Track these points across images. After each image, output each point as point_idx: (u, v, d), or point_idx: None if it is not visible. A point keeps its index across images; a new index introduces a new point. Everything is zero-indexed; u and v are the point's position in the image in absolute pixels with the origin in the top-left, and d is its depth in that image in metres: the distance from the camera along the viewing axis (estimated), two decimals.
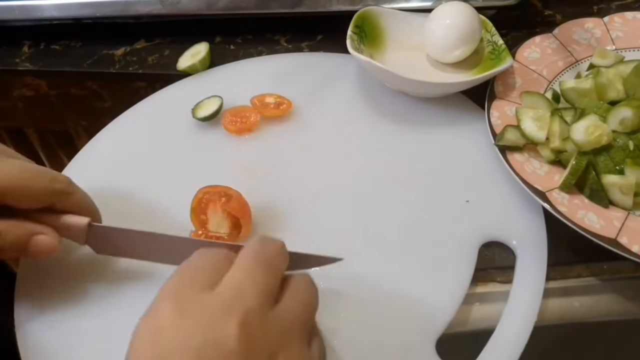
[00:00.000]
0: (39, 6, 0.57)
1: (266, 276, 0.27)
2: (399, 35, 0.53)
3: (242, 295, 0.26)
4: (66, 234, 0.37)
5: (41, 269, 0.41)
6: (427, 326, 0.36)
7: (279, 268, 0.29)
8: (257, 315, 0.25)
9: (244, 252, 0.29)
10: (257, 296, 0.26)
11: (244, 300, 0.26)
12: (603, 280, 0.39)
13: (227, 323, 0.24)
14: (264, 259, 0.28)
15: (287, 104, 0.50)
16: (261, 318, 0.25)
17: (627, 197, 0.39)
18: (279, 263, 0.29)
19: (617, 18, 0.52)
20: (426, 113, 0.49)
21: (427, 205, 0.42)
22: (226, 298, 0.26)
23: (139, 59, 0.58)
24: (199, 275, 0.27)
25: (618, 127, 0.41)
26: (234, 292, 0.26)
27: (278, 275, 0.28)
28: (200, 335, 0.24)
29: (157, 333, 0.25)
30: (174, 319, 0.25)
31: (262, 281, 0.27)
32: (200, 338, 0.24)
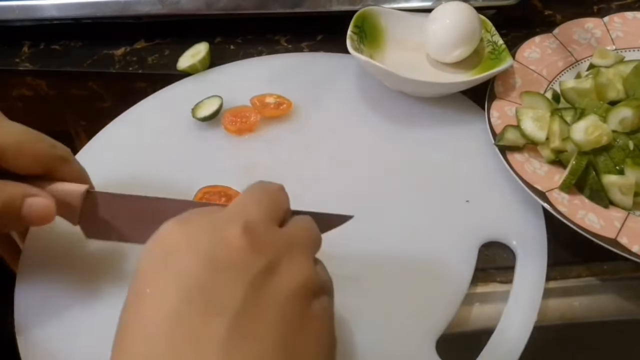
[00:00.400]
0: (39, 6, 0.57)
1: (270, 200, 0.28)
2: (399, 35, 0.53)
3: (246, 209, 0.27)
4: (60, 207, 0.36)
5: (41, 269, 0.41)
6: (427, 326, 0.36)
7: (281, 200, 0.29)
8: (260, 224, 0.26)
9: (248, 187, 0.29)
10: (261, 213, 0.27)
11: (248, 213, 0.26)
12: (603, 280, 0.39)
13: (232, 226, 0.25)
14: (267, 189, 0.29)
15: (287, 104, 0.50)
16: (264, 227, 0.26)
17: (627, 197, 0.39)
18: (281, 197, 0.30)
19: (617, 18, 0.52)
20: (426, 113, 0.49)
21: (427, 205, 0.42)
22: (230, 211, 0.27)
23: (139, 59, 0.58)
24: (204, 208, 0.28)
25: (618, 127, 0.41)
26: (237, 208, 0.27)
27: (280, 205, 0.29)
28: (206, 236, 0.25)
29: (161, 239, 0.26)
30: (181, 227, 0.26)
31: (266, 203, 0.28)
32: (207, 238, 0.25)
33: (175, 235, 0.25)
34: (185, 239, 0.25)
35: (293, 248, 0.26)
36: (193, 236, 0.25)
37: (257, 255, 0.25)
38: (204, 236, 0.25)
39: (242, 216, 0.26)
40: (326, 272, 0.29)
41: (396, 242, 0.40)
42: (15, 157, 0.33)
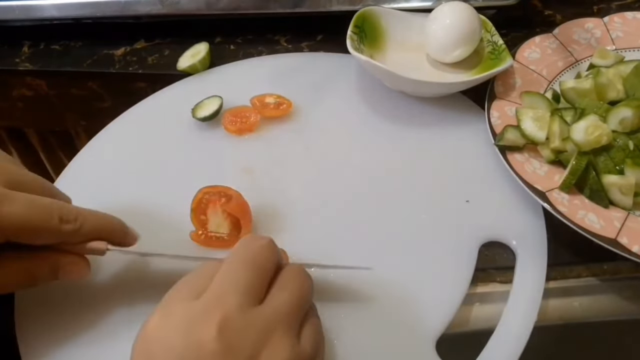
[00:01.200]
0: (39, 6, 0.57)
1: (249, 274, 0.28)
2: (399, 35, 0.53)
3: (223, 298, 0.27)
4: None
5: None
6: (427, 326, 0.36)
7: (265, 264, 0.29)
8: (237, 316, 0.26)
9: (229, 255, 0.29)
10: (238, 296, 0.27)
11: (224, 302, 0.26)
12: (603, 280, 0.39)
13: (207, 326, 0.25)
14: (248, 257, 0.29)
15: (287, 104, 0.50)
16: (241, 318, 0.26)
17: (627, 197, 0.39)
18: (265, 259, 0.29)
19: (617, 18, 0.52)
20: (426, 113, 0.49)
21: (427, 205, 0.42)
22: (207, 302, 0.27)
23: (139, 59, 0.58)
24: (189, 284, 0.28)
25: (618, 127, 0.41)
26: (214, 295, 0.27)
27: (264, 271, 0.29)
28: (181, 338, 0.25)
29: (145, 338, 0.26)
30: (160, 325, 0.26)
31: (244, 281, 0.27)
32: (181, 341, 0.25)
33: (154, 335, 0.26)
34: (162, 341, 0.26)
35: (274, 331, 0.26)
36: (169, 338, 0.26)
37: (232, 353, 0.25)
38: (179, 339, 0.26)
39: (219, 308, 0.26)
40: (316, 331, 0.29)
41: (396, 241, 0.40)
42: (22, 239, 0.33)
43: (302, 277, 0.30)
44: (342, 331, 0.36)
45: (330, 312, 0.36)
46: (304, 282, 0.30)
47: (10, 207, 0.31)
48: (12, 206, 0.31)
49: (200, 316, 0.26)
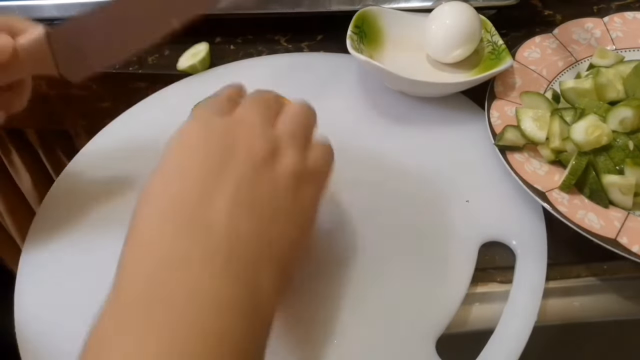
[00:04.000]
0: (39, 6, 0.57)
1: (266, 108, 0.34)
2: (399, 35, 0.53)
3: (251, 117, 0.33)
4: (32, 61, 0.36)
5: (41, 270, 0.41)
6: (427, 326, 0.36)
7: (274, 106, 0.35)
8: (261, 126, 0.32)
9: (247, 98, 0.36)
10: (261, 118, 0.33)
11: (252, 119, 0.33)
12: (603, 280, 0.39)
13: (241, 129, 0.32)
14: (262, 99, 0.35)
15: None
16: (264, 129, 0.32)
17: (627, 197, 0.39)
18: (274, 102, 0.36)
19: (617, 18, 0.52)
20: (426, 113, 0.49)
21: (426, 205, 0.42)
22: (238, 116, 0.33)
23: (139, 59, 0.58)
24: (217, 103, 0.34)
25: (618, 127, 0.41)
26: (243, 114, 0.33)
27: (274, 109, 0.35)
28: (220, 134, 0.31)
29: (187, 132, 0.32)
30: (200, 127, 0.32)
31: (264, 111, 0.34)
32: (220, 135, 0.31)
33: (194, 129, 0.32)
34: (202, 136, 0.31)
35: (285, 144, 0.32)
36: (211, 136, 0.31)
37: (258, 148, 0.31)
38: (219, 135, 0.31)
39: (249, 118, 0.32)
40: (322, 159, 0.34)
41: (396, 241, 0.40)
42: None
43: (306, 106, 0.37)
44: (342, 331, 0.36)
45: (330, 312, 0.36)
46: (308, 109, 0.37)
47: None
48: None
49: (235, 123, 0.32)
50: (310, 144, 0.35)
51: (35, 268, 0.41)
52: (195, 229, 0.27)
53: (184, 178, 0.29)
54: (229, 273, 0.27)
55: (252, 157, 0.31)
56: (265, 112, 0.34)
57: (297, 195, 0.32)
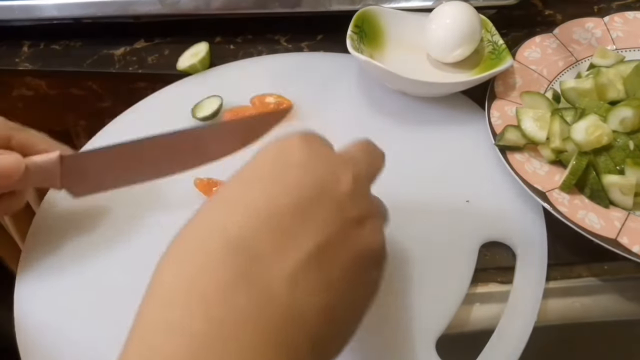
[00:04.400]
0: (39, 6, 0.57)
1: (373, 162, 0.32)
2: (399, 35, 0.53)
3: (357, 164, 0.29)
4: (40, 177, 0.38)
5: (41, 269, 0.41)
6: (427, 326, 0.36)
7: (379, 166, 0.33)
8: (365, 182, 0.29)
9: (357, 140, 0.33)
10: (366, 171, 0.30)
11: (359, 167, 0.29)
12: (603, 280, 0.39)
13: (344, 170, 0.27)
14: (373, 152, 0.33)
15: (287, 104, 0.50)
16: (366, 186, 0.29)
17: (628, 197, 0.39)
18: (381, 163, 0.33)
19: (617, 18, 0.52)
20: (426, 113, 0.49)
21: (427, 205, 0.42)
22: (344, 157, 0.28)
23: (139, 59, 0.58)
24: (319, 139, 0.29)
25: (618, 127, 0.41)
26: (350, 157, 0.29)
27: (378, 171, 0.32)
28: (323, 166, 0.27)
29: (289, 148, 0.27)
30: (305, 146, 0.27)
31: (371, 164, 0.31)
32: (323, 168, 0.26)
33: (298, 148, 0.27)
34: (306, 156, 0.26)
35: (379, 216, 0.29)
36: (312, 157, 0.27)
37: (356, 205, 0.26)
38: (322, 163, 0.27)
39: (353, 165, 0.28)
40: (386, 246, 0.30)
41: (396, 241, 0.40)
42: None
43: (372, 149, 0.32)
44: None
45: None
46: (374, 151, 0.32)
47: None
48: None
49: (339, 161, 0.28)
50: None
51: (35, 268, 0.41)
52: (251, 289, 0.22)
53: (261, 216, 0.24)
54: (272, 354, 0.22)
55: (345, 212, 0.26)
56: (371, 163, 0.30)
57: (370, 277, 0.27)
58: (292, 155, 0.26)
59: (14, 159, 0.38)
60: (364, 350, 0.35)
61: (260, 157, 0.27)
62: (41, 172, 0.38)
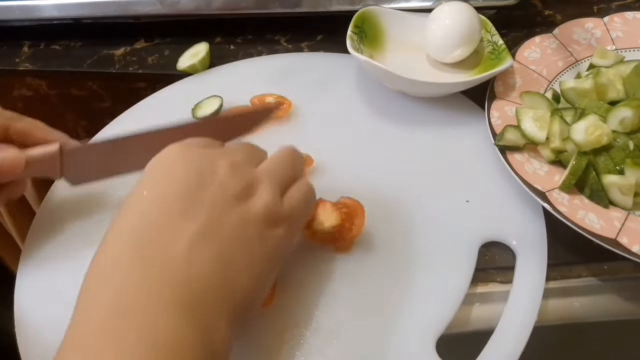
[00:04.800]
0: (39, 6, 0.57)
1: (252, 151, 0.35)
2: (399, 35, 0.53)
3: (234, 153, 0.33)
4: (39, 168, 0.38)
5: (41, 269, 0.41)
6: (427, 326, 0.36)
7: (260, 153, 0.36)
8: (241, 165, 0.33)
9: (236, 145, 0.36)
10: (244, 156, 0.34)
11: (235, 154, 0.33)
12: (603, 280, 0.39)
13: (222, 160, 0.32)
14: (250, 145, 0.36)
15: (287, 104, 0.50)
16: (244, 168, 0.33)
17: (627, 197, 0.39)
18: (261, 151, 0.36)
19: (617, 18, 0.52)
20: (426, 113, 0.49)
21: (427, 205, 0.42)
22: (221, 151, 0.33)
23: (139, 59, 0.58)
24: (204, 140, 0.34)
25: (618, 127, 0.41)
26: (226, 149, 0.34)
27: (259, 156, 0.35)
28: (201, 161, 0.31)
29: (167, 156, 0.32)
30: (182, 149, 0.32)
31: (248, 151, 0.35)
32: (200, 162, 0.31)
33: (175, 155, 0.32)
34: (183, 159, 0.31)
35: (264, 183, 0.32)
36: (190, 159, 0.31)
37: (235, 182, 0.31)
38: (199, 159, 0.31)
39: (231, 156, 0.33)
40: (300, 201, 0.34)
41: (396, 241, 0.40)
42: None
43: (292, 151, 0.36)
44: (342, 331, 0.36)
45: (331, 313, 0.36)
46: (293, 154, 0.36)
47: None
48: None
49: (216, 155, 0.32)
50: (289, 187, 0.34)
51: (35, 268, 0.41)
52: (153, 268, 0.27)
53: (152, 208, 0.29)
54: (185, 316, 0.26)
55: (224, 191, 0.30)
56: (248, 153, 0.35)
57: (265, 237, 0.31)
58: (174, 158, 0.31)
59: (15, 155, 0.38)
60: (364, 350, 0.35)
61: (144, 174, 0.31)
62: (41, 164, 0.39)
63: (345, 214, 0.39)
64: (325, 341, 0.35)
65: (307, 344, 0.35)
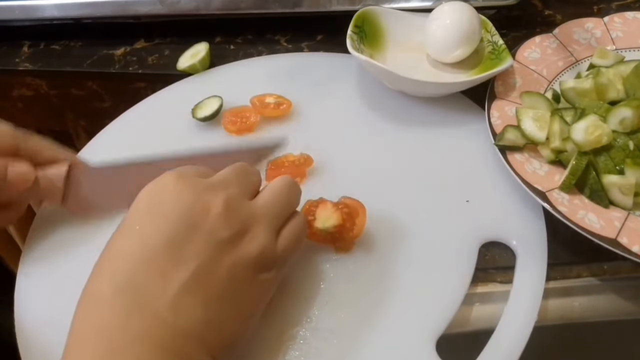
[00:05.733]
0: (39, 6, 0.57)
1: (246, 179, 0.34)
2: (399, 35, 0.53)
3: (227, 184, 0.32)
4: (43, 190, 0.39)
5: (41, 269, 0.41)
6: (427, 326, 0.36)
7: (255, 180, 0.35)
8: (236, 199, 0.32)
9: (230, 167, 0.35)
10: (238, 188, 0.33)
11: (229, 187, 0.32)
12: (603, 280, 0.39)
13: (215, 196, 0.31)
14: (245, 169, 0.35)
15: (287, 104, 0.50)
16: (239, 202, 0.32)
17: (627, 197, 0.39)
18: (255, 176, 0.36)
19: (617, 18, 0.52)
20: (426, 113, 0.49)
21: (427, 205, 0.42)
22: (215, 183, 0.32)
23: (139, 59, 0.58)
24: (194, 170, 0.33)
25: (618, 127, 0.41)
26: (220, 181, 0.32)
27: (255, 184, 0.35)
28: (193, 196, 0.30)
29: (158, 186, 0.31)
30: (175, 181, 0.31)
31: (244, 181, 0.34)
32: (192, 198, 0.30)
33: (168, 188, 0.31)
34: (175, 194, 0.30)
35: (258, 223, 0.31)
36: (182, 193, 0.30)
37: (228, 225, 0.30)
38: (191, 198, 0.30)
39: (225, 189, 0.32)
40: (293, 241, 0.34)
41: (396, 241, 0.40)
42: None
43: (289, 184, 0.35)
44: (342, 331, 0.36)
45: (331, 313, 0.36)
46: (290, 186, 0.35)
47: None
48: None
49: (210, 188, 0.31)
50: (284, 225, 0.34)
51: (35, 268, 0.41)
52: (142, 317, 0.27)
53: (142, 256, 0.29)
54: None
55: (216, 235, 0.30)
56: (244, 182, 0.34)
57: (255, 282, 0.31)
58: (162, 195, 0.30)
59: (26, 169, 0.39)
60: (365, 351, 0.35)
61: (135, 206, 0.31)
62: (47, 185, 0.39)
63: (346, 214, 0.39)
64: (325, 341, 0.35)
65: (306, 344, 0.35)
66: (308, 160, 0.45)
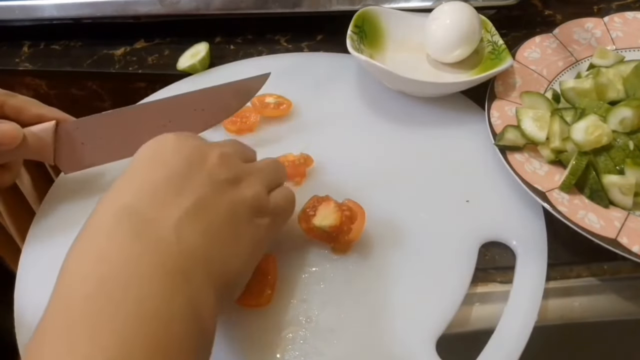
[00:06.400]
0: (39, 6, 0.57)
1: (242, 149, 0.37)
2: (399, 35, 0.53)
3: (225, 146, 0.35)
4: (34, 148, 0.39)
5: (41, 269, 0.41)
6: (427, 326, 0.36)
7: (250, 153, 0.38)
8: (231, 156, 0.34)
9: None
10: (234, 151, 0.35)
11: (224, 147, 0.35)
12: (603, 280, 0.39)
13: (212, 149, 0.33)
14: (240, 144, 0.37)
15: (287, 104, 0.50)
16: (233, 158, 0.34)
17: (627, 197, 0.39)
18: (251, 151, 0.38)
19: (617, 18, 0.52)
20: (426, 113, 0.49)
21: (427, 205, 0.42)
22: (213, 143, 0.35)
23: (139, 59, 0.58)
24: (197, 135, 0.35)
25: (618, 127, 0.41)
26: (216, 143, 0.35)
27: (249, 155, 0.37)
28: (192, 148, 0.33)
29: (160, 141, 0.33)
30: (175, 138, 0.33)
31: (239, 149, 0.36)
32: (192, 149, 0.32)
33: (168, 141, 0.33)
34: (175, 146, 0.32)
35: (253, 176, 0.34)
36: (182, 145, 0.32)
37: (224, 170, 0.33)
38: (190, 148, 0.33)
39: (222, 148, 0.34)
40: (284, 201, 0.36)
41: (396, 241, 0.40)
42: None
43: (276, 161, 0.38)
44: (342, 331, 0.36)
45: (331, 313, 0.36)
46: (278, 164, 0.38)
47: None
48: None
49: (208, 144, 0.34)
50: (273, 190, 0.36)
51: (35, 268, 0.41)
52: (145, 240, 0.28)
53: (143, 188, 0.30)
54: (177, 285, 0.27)
55: (215, 176, 0.32)
56: (239, 149, 0.36)
57: (252, 224, 0.33)
58: (166, 145, 0.32)
59: (13, 127, 0.39)
60: (364, 351, 0.35)
61: (136, 157, 0.32)
62: (36, 143, 0.39)
63: (346, 216, 0.39)
64: (325, 341, 0.35)
65: (306, 344, 0.35)
66: (308, 160, 0.45)
